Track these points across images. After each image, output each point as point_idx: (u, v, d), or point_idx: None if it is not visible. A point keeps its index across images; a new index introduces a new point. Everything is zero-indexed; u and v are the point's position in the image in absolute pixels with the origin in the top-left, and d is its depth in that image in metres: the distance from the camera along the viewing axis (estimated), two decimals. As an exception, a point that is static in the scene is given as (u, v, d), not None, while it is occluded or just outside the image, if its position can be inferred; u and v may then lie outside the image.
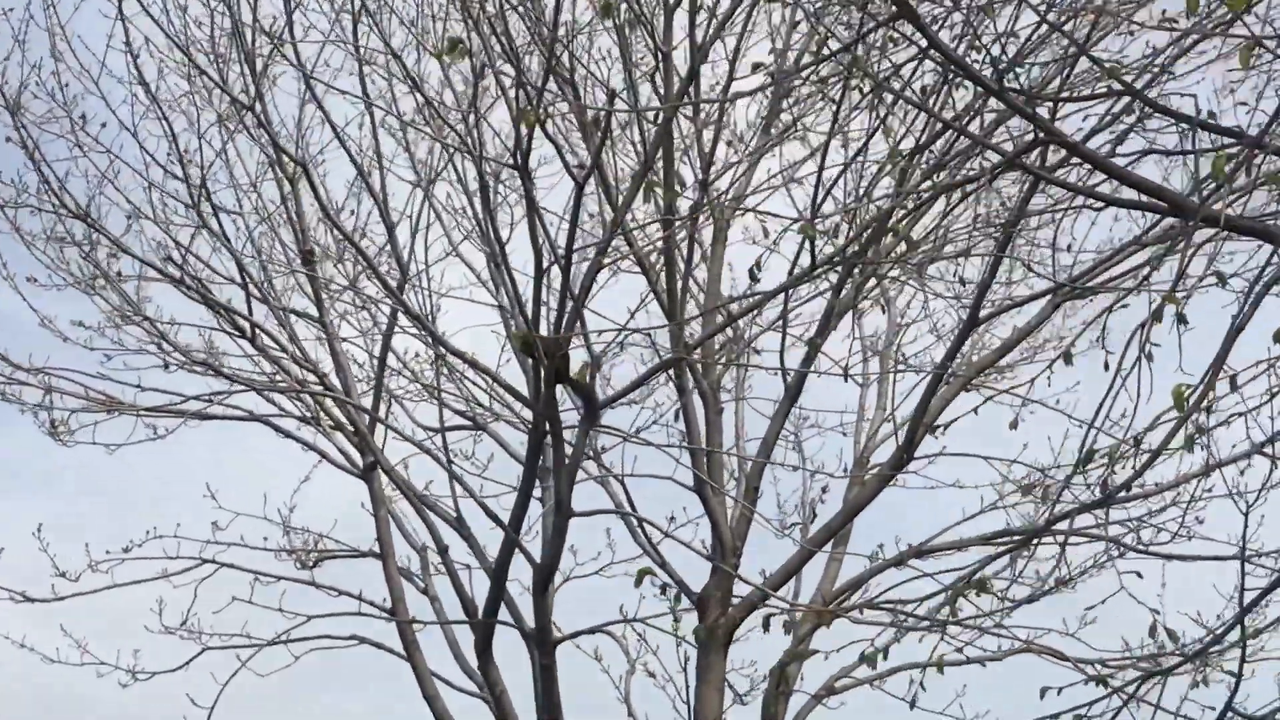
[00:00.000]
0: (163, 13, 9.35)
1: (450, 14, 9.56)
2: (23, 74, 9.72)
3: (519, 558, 8.86)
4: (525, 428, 10.25)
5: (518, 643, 9.82)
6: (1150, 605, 8.21)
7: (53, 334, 10.29)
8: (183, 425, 10.07)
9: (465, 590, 9.82)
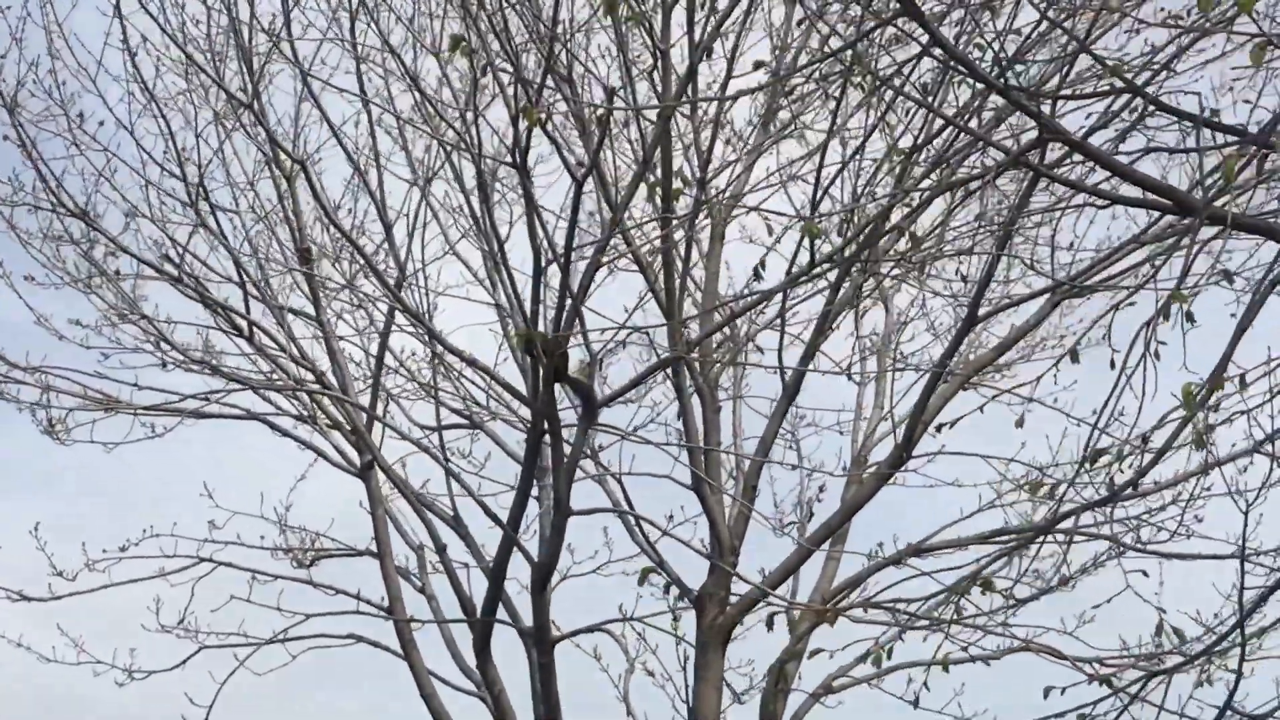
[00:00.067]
0: (160, 10, 9.34)
1: (448, 12, 9.56)
2: (20, 72, 9.71)
3: (517, 556, 8.85)
4: (523, 427, 10.24)
5: (515, 642, 9.83)
6: (1150, 604, 8.25)
7: (49, 332, 10.28)
8: (180, 424, 10.06)
9: (463, 589, 9.81)
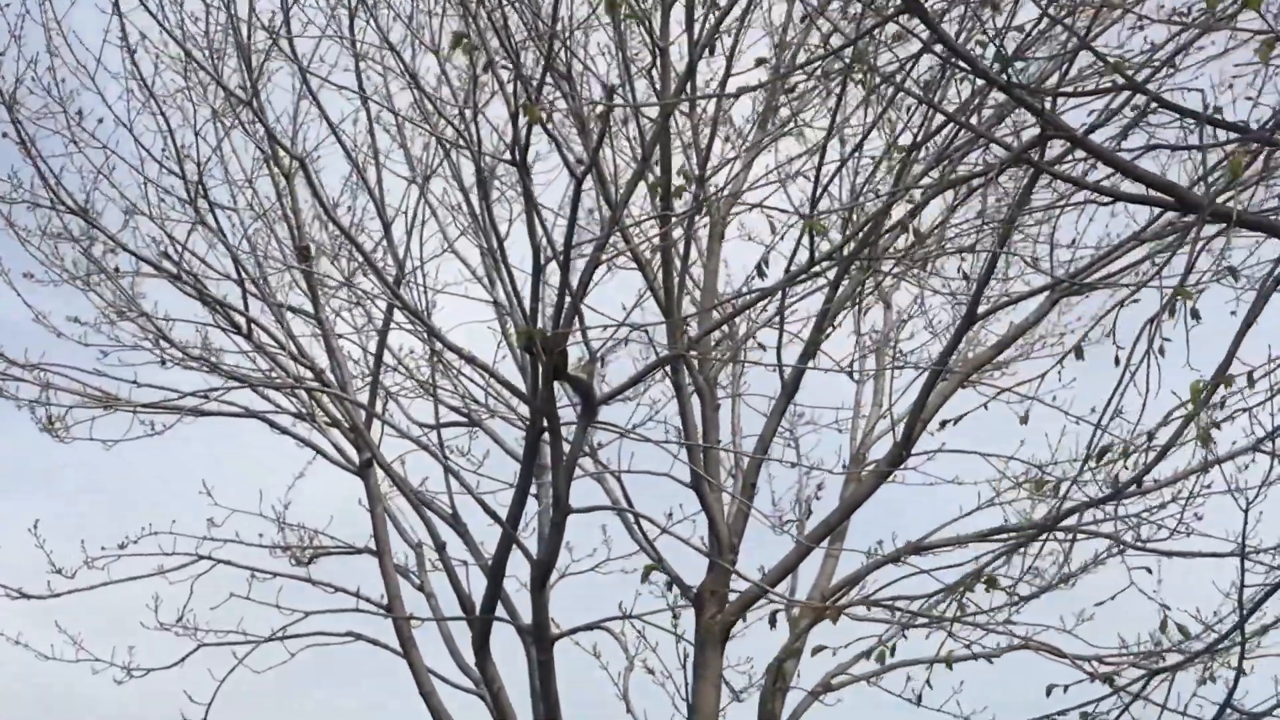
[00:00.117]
0: (159, 8, 9.33)
1: (447, 10, 9.55)
2: (19, 69, 9.70)
3: (516, 554, 8.85)
4: (522, 424, 10.24)
5: (514, 640, 9.82)
6: (1155, 600, 8.26)
7: (47, 330, 10.28)
8: (179, 422, 10.07)
9: (462, 587, 9.80)
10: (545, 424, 8.20)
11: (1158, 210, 7.59)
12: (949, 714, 8.98)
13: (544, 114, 6.96)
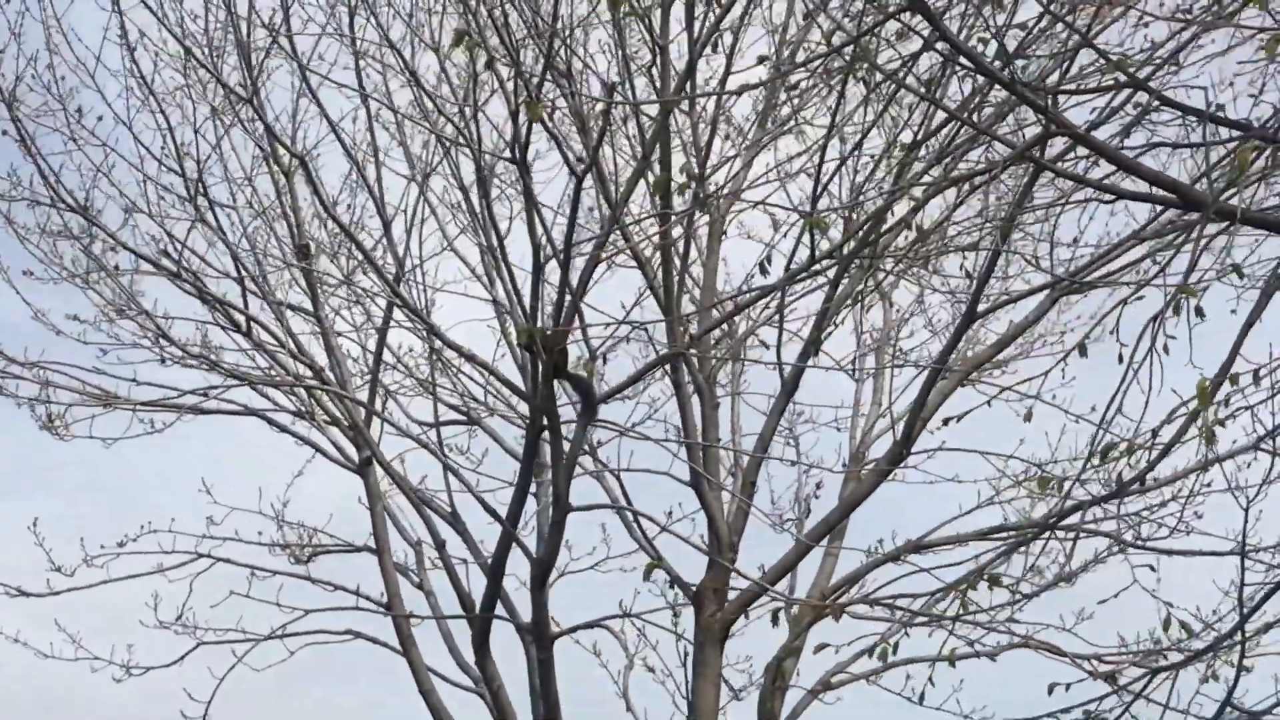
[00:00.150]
0: (159, 5, 9.33)
1: (447, 8, 9.54)
2: (18, 67, 9.69)
3: (515, 552, 8.85)
4: (521, 423, 10.24)
5: (513, 638, 9.82)
6: (1149, 599, 8.25)
7: (46, 328, 10.26)
8: (179, 420, 10.06)
9: (462, 585, 9.79)
10: (545, 422, 8.20)
11: (1158, 208, 7.60)
12: (949, 712, 8.99)
13: (548, 111, 6.94)
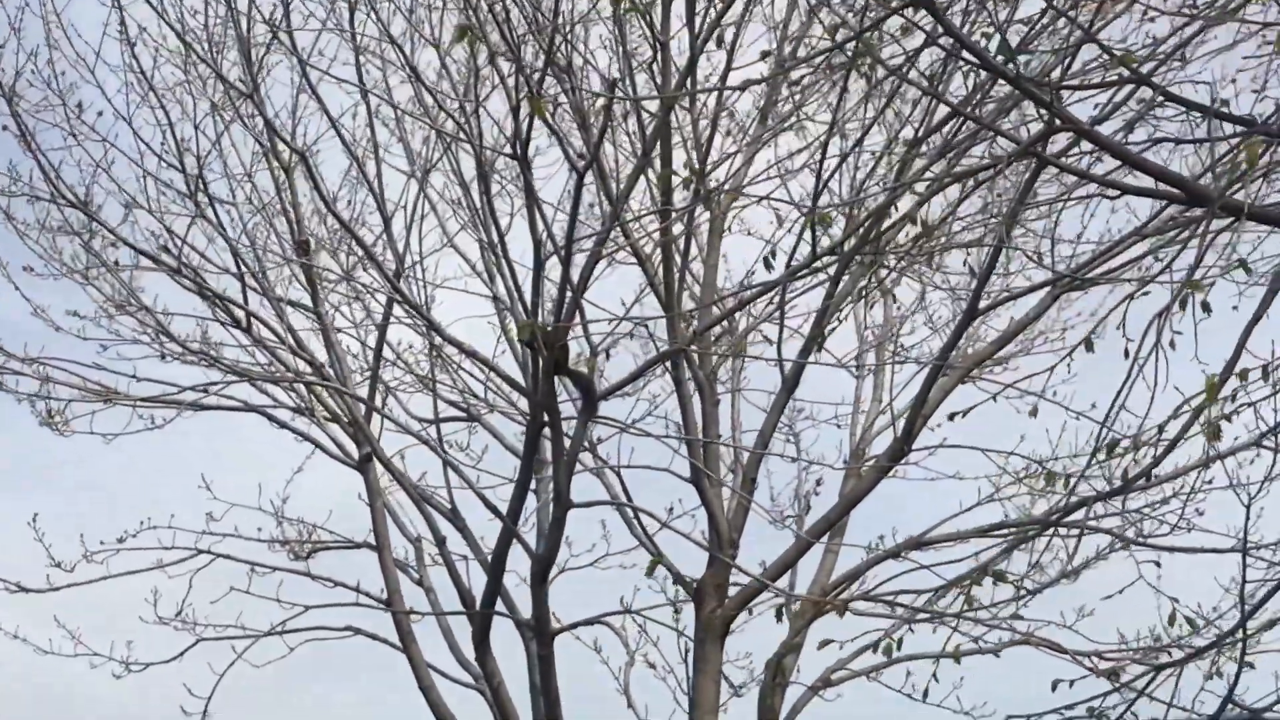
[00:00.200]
0: (159, 0, 9.29)
1: (447, 3, 9.52)
2: (18, 62, 9.67)
3: (515, 548, 8.84)
4: (522, 419, 10.22)
5: (513, 634, 9.81)
6: (1149, 597, 8.25)
7: (46, 324, 10.24)
8: (179, 416, 10.04)
9: (462, 581, 9.79)
10: (546, 418, 8.19)
11: (1160, 205, 7.59)
12: (949, 709, 8.99)
13: (552, 107, 6.93)
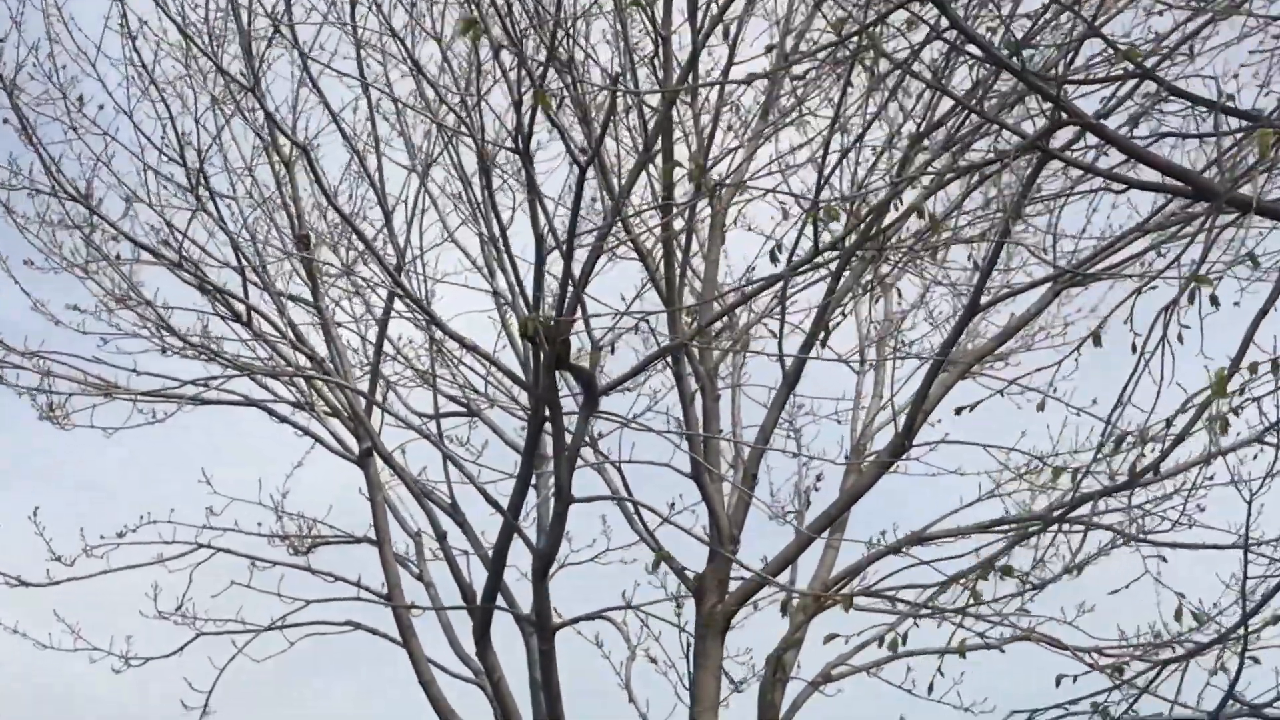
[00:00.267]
0: (160, -7, 9.29)
1: (448, -1, 9.51)
2: (19, 55, 9.65)
3: (516, 543, 8.83)
4: (523, 414, 10.22)
5: (512, 629, 9.81)
6: (1150, 593, 8.25)
7: (45, 318, 10.23)
8: (179, 410, 10.02)
9: (463, 576, 9.78)
10: (547, 413, 8.18)
11: (1162, 201, 7.59)
12: (950, 705, 8.99)
13: (556, 102, 6.92)
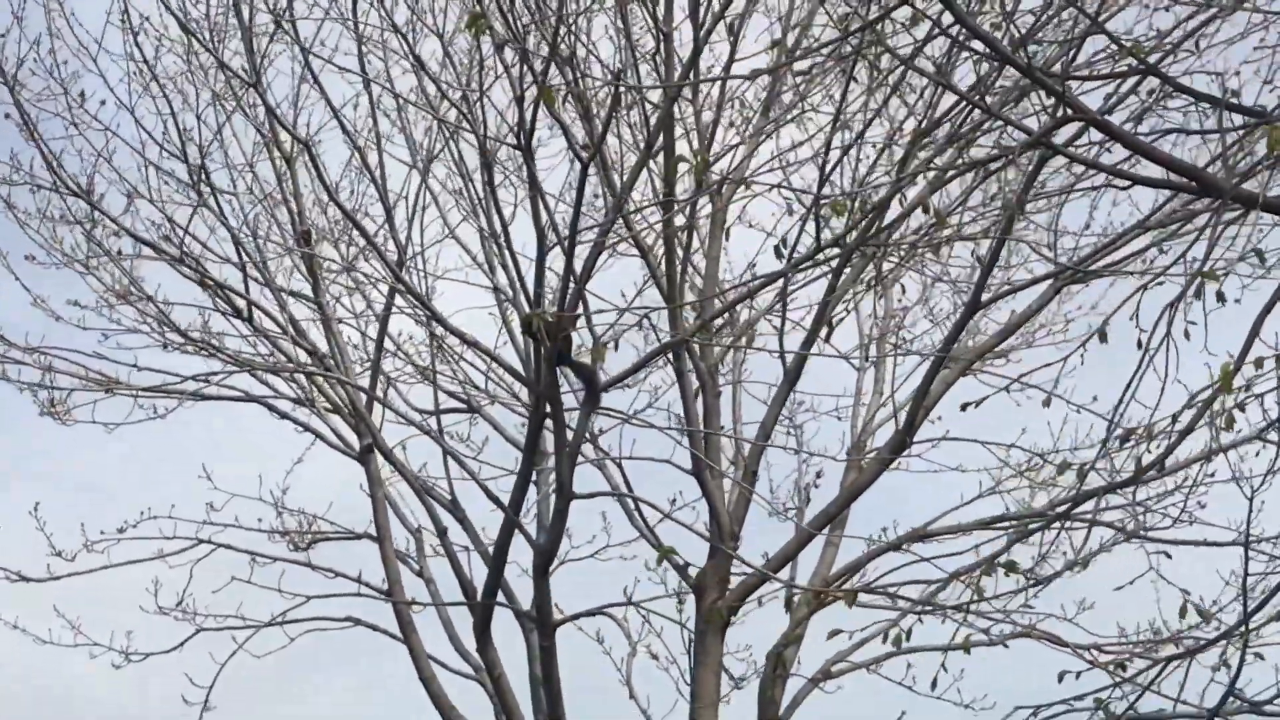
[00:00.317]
0: (161, -12, 9.29)
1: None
2: (20, 50, 9.64)
3: (517, 540, 8.83)
4: (524, 410, 10.21)
5: (513, 625, 9.80)
6: (1150, 590, 8.26)
7: (46, 313, 10.23)
8: (180, 406, 10.04)
9: (464, 572, 9.78)
10: (548, 409, 8.19)
11: (1165, 196, 7.59)
12: (950, 702, 8.99)
13: (561, 97, 6.93)
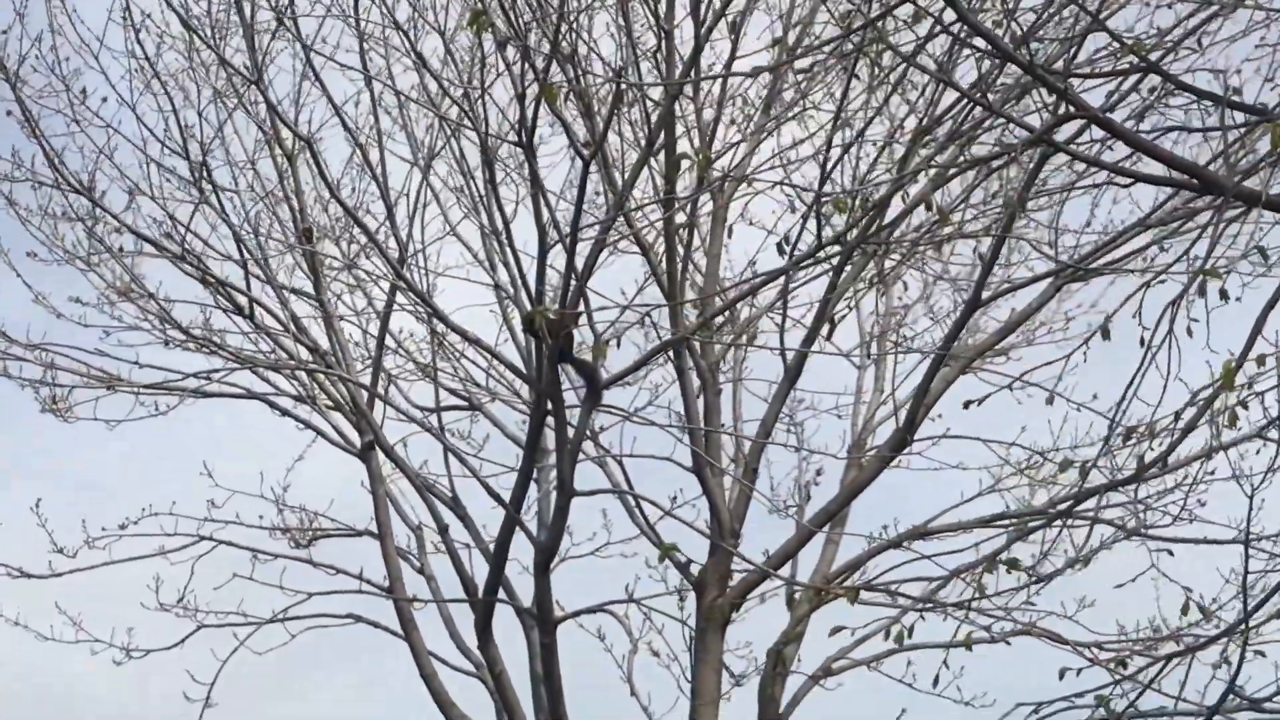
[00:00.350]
0: (163, -15, 9.27)
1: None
2: (22, 47, 9.65)
3: (518, 537, 8.84)
4: (525, 407, 10.23)
5: (514, 622, 9.81)
6: (1149, 588, 8.27)
7: (47, 310, 10.23)
8: (181, 403, 10.04)
9: (465, 569, 9.79)
10: (549, 406, 8.19)
11: (1166, 194, 7.59)
12: (949, 699, 9.00)
13: (563, 95, 6.93)
